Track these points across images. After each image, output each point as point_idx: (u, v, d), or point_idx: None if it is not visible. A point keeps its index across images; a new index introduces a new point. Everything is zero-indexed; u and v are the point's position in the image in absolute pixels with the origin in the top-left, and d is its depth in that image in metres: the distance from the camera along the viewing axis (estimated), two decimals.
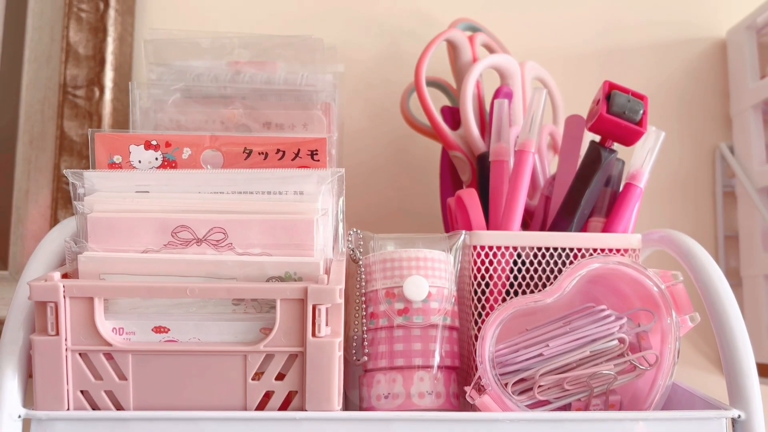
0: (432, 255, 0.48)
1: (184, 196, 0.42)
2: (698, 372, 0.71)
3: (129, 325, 0.39)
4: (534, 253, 0.50)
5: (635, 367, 0.44)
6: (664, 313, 0.45)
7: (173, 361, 0.39)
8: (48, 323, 0.38)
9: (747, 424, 0.40)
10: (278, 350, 0.39)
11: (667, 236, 0.50)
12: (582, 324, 0.45)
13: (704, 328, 0.70)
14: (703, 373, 0.71)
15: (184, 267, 0.40)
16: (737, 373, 0.41)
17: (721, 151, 0.72)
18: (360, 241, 0.49)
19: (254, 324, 0.40)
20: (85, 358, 0.39)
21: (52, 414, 0.38)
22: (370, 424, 0.39)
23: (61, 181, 0.66)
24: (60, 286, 0.38)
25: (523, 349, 0.45)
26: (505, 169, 0.53)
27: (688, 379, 0.52)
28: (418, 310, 0.47)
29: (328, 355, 0.39)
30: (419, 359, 0.46)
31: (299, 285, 0.39)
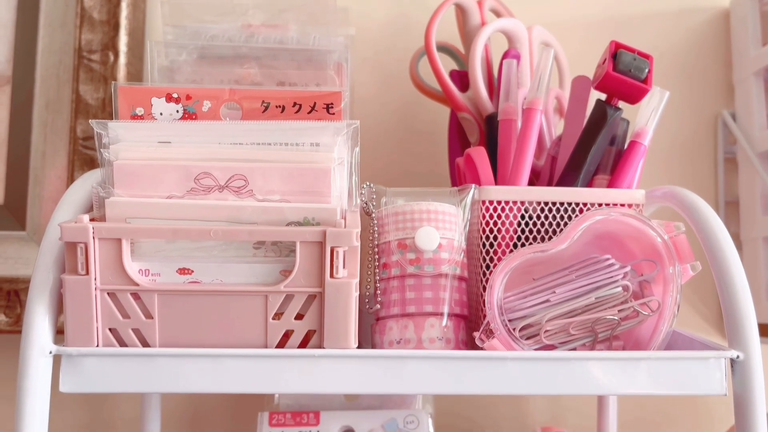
0: (442, 208, 0.50)
1: (205, 147, 0.43)
2: (698, 333, 0.73)
3: (155, 266, 0.41)
4: (541, 208, 0.51)
5: (638, 313, 0.46)
6: (666, 263, 0.46)
7: (197, 301, 0.41)
8: (78, 263, 0.39)
9: (745, 365, 0.42)
10: (298, 291, 0.41)
11: (669, 192, 0.52)
12: (587, 272, 0.47)
13: (704, 290, 0.72)
14: (702, 335, 0.73)
15: (207, 212, 0.41)
16: (736, 315, 0.42)
17: (723, 118, 0.74)
18: (373, 194, 0.51)
19: (274, 266, 0.42)
20: (114, 297, 0.41)
21: (83, 350, 0.40)
22: (385, 361, 0.41)
23: (77, 143, 0.68)
24: (90, 227, 0.39)
25: (531, 295, 0.46)
26: (513, 128, 0.54)
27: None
28: (429, 260, 0.48)
29: (345, 296, 0.41)
30: (430, 306, 0.48)
31: (318, 228, 0.40)
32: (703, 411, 0.73)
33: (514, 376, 0.41)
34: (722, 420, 0.72)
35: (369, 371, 0.41)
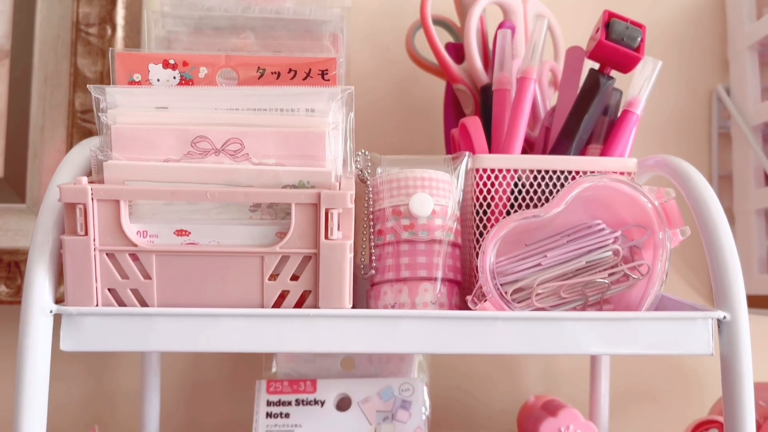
0: (436, 176, 0.50)
1: (201, 112, 0.44)
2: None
3: (152, 228, 0.42)
4: (534, 176, 0.52)
5: (628, 277, 0.47)
6: (656, 228, 0.47)
7: (194, 262, 0.42)
8: (77, 224, 0.40)
9: (732, 325, 0.43)
10: (293, 252, 0.42)
11: (662, 160, 0.52)
12: (578, 237, 0.47)
13: (696, 264, 0.73)
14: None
15: (204, 175, 0.42)
16: (723, 276, 0.43)
17: (718, 92, 0.74)
18: (368, 162, 0.51)
19: (270, 228, 0.42)
20: (112, 258, 0.41)
21: (83, 309, 0.41)
22: (379, 321, 0.42)
23: (75, 116, 0.68)
24: (88, 188, 0.40)
25: (522, 259, 0.47)
26: (508, 97, 0.55)
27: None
28: (423, 225, 0.49)
29: (340, 257, 0.41)
30: (424, 271, 0.49)
31: (313, 191, 0.41)
32: (694, 383, 0.75)
33: (506, 336, 0.42)
34: (712, 391, 0.73)
35: (363, 331, 0.42)
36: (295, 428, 0.60)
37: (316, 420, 0.60)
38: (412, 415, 0.60)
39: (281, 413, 0.60)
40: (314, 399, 0.61)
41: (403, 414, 0.61)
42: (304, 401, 0.61)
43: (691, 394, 0.74)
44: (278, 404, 0.61)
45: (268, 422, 0.60)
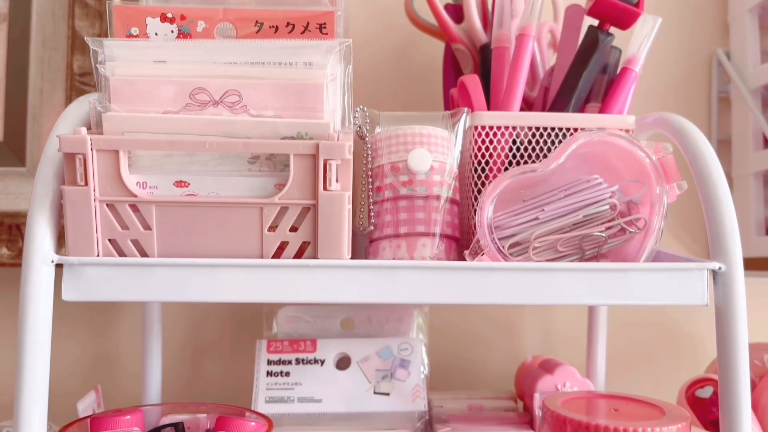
0: (435, 132, 0.51)
1: (199, 66, 0.44)
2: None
3: (152, 179, 0.42)
4: (532, 134, 0.52)
5: (625, 231, 0.47)
6: (654, 183, 0.47)
7: (194, 213, 0.42)
8: (77, 174, 0.40)
9: (727, 276, 0.43)
10: (292, 203, 0.42)
11: (660, 117, 0.52)
12: (576, 191, 0.48)
13: (691, 225, 0.74)
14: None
15: (202, 126, 0.42)
16: (719, 227, 0.43)
17: (718, 56, 0.74)
18: (367, 119, 0.51)
19: (269, 180, 0.42)
20: (112, 208, 0.42)
21: (84, 259, 0.41)
22: (377, 271, 0.42)
23: (74, 79, 0.68)
24: (87, 138, 0.40)
25: (520, 214, 0.47)
26: (506, 55, 0.55)
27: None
28: (421, 181, 0.49)
29: (339, 208, 0.42)
30: (422, 227, 0.49)
31: (311, 141, 0.41)
32: (689, 346, 0.75)
33: (502, 287, 0.43)
34: (707, 354, 0.74)
35: (362, 281, 0.42)
36: (296, 386, 0.60)
37: (316, 378, 0.61)
38: (410, 373, 0.61)
39: (281, 372, 0.61)
40: (314, 358, 0.62)
41: (401, 372, 0.61)
42: (304, 360, 0.62)
43: (686, 358, 0.75)
44: (278, 363, 0.62)
45: (269, 381, 0.61)
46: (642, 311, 0.75)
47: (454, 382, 0.73)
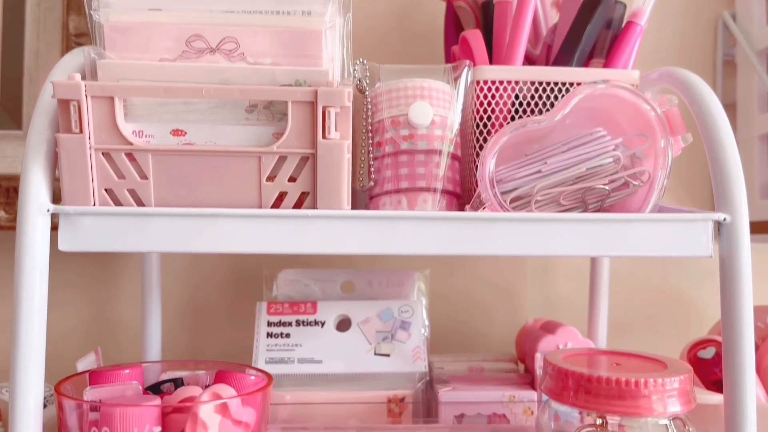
0: (436, 85, 0.50)
1: (195, 14, 0.43)
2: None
3: (148, 128, 0.41)
4: (535, 88, 0.51)
5: (628, 184, 0.47)
6: (658, 136, 0.46)
7: (191, 162, 0.41)
8: (72, 121, 0.40)
9: (732, 227, 0.42)
10: (290, 152, 0.41)
11: (665, 72, 0.52)
12: (579, 144, 0.47)
13: (693, 187, 0.73)
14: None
15: (199, 74, 0.41)
16: (724, 178, 0.43)
17: (724, 18, 0.73)
18: (366, 72, 0.51)
19: (267, 129, 0.42)
20: (108, 157, 0.41)
21: (80, 209, 0.41)
22: (378, 222, 0.42)
23: (69, 40, 0.67)
24: (82, 84, 0.39)
25: (522, 167, 0.47)
26: (509, 10, 0.54)
27: None
28: (422, 136, 0.49)
29: (338, 157, 0.41)
30: (423, 182, 0.48)
31: (310, 88, 0.40)
32: (692, 314, 0.75)
33: (505, 237, 0.42)
34: (710, 321, 0.73)
35: (362, 232, 0.42)
36: (296, 348, 0.60)
37: (317, 340, 0.60)
38: (411, 335, 0.61)
39: (282, 333, 0.61)
40: (314, 320, 0.62)
41: (402, 334, 0.61)
42: (305, 322, 0.62)
43: (688, 323, 0.75)
44: (279, 325, 0.61)
45: (269, 342, 0.60)
46: (644, 276, 0.75)
47: (454, 347, 0.73)
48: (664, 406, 0.42)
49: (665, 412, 0.42)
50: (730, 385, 0.43)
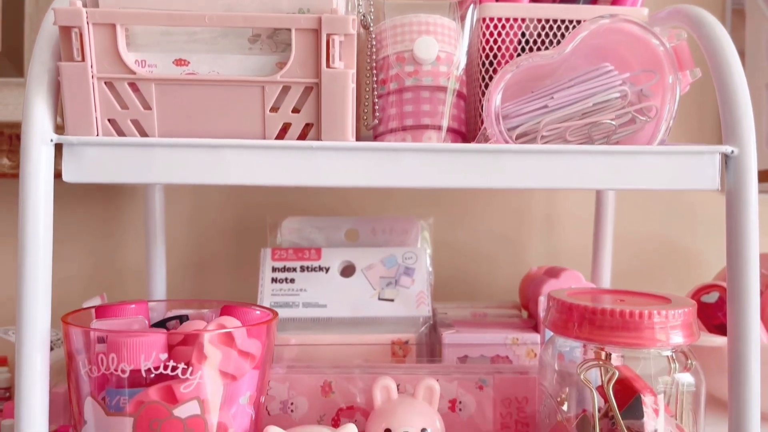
0: (442, 21, 0.49)
1: None
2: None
3: (151, 58, 0.41)
4: (542, 26, 0.50)
5: (635, 120, 0.46)
6: (666, 71, 0.46)
7: (195, 93, 0.41)
8: (73, 49, 0.39)
9: (739, 160, 0.42)
10: (294, 81, 0.41)
11: (674, 9, 0.51)
12: (586, 79, 0.46)
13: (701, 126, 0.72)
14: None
15: (202, 2, 0.41)
16: (732, 110, 0.42)
17: None
18: (371, 8, 0.50)
19: (270, 59, 0.41)
20: (111, 87, 0.41)
21: (84, 139, 0.40)
22: (382, 153, 0.41)
23: None
24: (83, 11, 0.39)
25: (528, 102, 0.46)
26: None
27: None
28: (427, 72, 0.48)
29: (342, 86, 0.41)
30: (428, 119, 0.48)
31: (314, 15, 0.40)
32: (695, 266, 0.75)
33: (511, 170, 0.42)
34: (712, 273, 0.74)
35: (366, 164, 0.41)
36: (300, 292, 0.60)
37: (321, 285, 0.61)
38: (415, 281, 0.61)
39: (286, 279, 0.61)
40: (319, 266, 0.62)
41: (406, 280, 0.61)
42: (309, 268, 0.62)
43: (691, 276, 0.75)
44: (283, 270, 0.61)
45: (273, 287, 0.61)
46: (648, 228, 0.75)
47: (458, 296, 0.73)
48: (668, 338, 0.42)
49: (668, 343, 0.42)
50: (734, 322, 0.43)
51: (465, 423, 0.51)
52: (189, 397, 0.40)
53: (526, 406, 0.51)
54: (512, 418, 0.51)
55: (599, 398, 0.44)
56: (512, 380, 0.51)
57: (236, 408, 0.42)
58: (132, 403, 0.39)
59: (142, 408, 0.39)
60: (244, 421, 0.43)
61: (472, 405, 0.51)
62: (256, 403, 0.44)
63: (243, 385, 0.42)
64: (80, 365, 0.41)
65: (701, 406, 0.45)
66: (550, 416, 0.47)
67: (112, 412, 0.40)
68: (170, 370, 0.40)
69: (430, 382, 0.47)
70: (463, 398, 0.51)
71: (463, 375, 0.52)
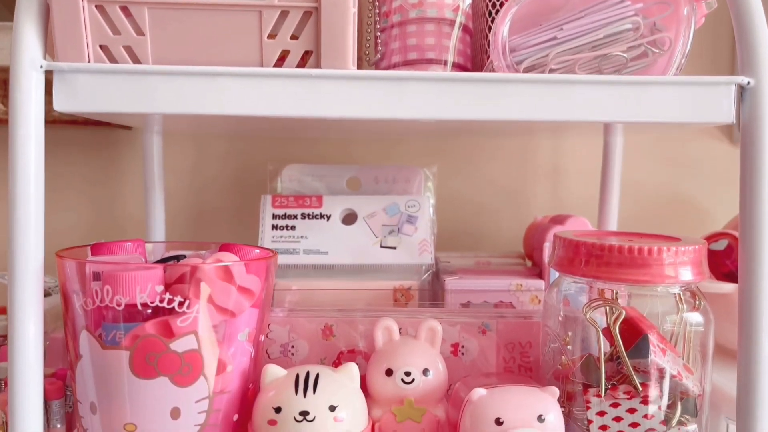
0: None
1: None
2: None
3: None
4: None
5: (648, 54, 0.44)
6: (681, 2, 0.44)
7: (189, 18, 0.39)
8: None
9: (756, 91, 0.40)
10: (292, 6, 0.39)
11: None
12: (597, 10, 0.45)
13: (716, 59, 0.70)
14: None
15: None
16: (749, 40, 0.40)
17: None
18: None
19: None
20: (102, 11, 0.39)
21: (75, 66, 0.39)
22: (385, 83, 0.40)
23: None
24: None
25: (537, 34, 0.45)
26: None
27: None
28: (432, 3, 0.46)
29: (343, 11, 0.39)
30: (432, 53, 0.46)
31: None
32: (704, 217, 0.74)
33: (517, 100, 0.40)
34: (723, 222, 0.72)
35: (368, 93, 0.40)
36: (301, 239, 0.59)
37: (322, 232, 0.59)
38: (417, 229, 0.60)
39: (287, 226, 0.60)
40: (320, 213, 0.61)
41: (408, 228, 0.60)
42: (310, 215, 0.61)
43: (699, 230, 0.74)
44: (284, 218, 0.60)
45: (274, 234, 0.60)
46: (655, 181, 0.73)
47: (461, 248, 0.72)
48: (677, 274, 0.41)
49: (677, 279, 0.41)
50: (746, 259, 0.42)
51: (467, 367, 0.50)
52: (186, 331, 0.39)
53: (530, 351, 0.51)
54: (515, 362, 0.50)
55: (605, 341, 0.43)
56: (516, 324, 0.51)
57: (235, 346, 0.42)
58: (128, 337, 0.39)
59: (139, 341, 0.38)
60: (243, 360, 0.42)
61: (475, 349, 0.50)
62: (255, 342, 0.43)
63: (242, 321, 0.42)
64: (74, 298, 0.40)
65: (709, 347, 0.44)
66: (554, 358, 0.46)
67: (108, 346, 0.39)
68: (167, 303, 0.39)
69: (432, 323, 0.46)
70: (466, 342, 0.50)
71: (466, 319, 0.51)
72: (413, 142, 0.73)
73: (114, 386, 0.39)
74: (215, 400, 0.41)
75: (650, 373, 0.42)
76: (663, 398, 0.42)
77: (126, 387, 0.38)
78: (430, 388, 0.44)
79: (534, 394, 0.41)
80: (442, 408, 0.45)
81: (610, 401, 0.42)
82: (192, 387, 0.39)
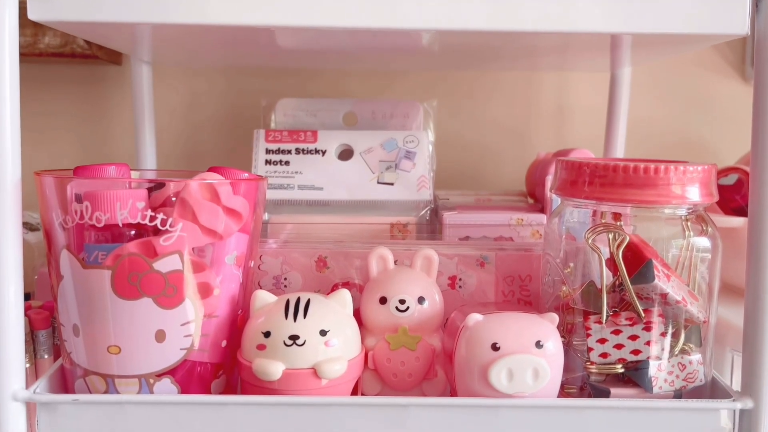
0: None
1: None
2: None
3: None
4: None
5: None
6: None
7: None
8: None
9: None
10: None
11: None
12: None
13: None
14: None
15: None
16: None
17: None
18: None
19: None
20: None
21: None
22: None
23: None
24: None
25: None
26: None
27: None
28: None
29: None
30: None
31: None
32: (711, 155, 0.71)
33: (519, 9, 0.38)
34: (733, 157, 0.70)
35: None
36: (296, 175, 0.58)
37: (317, 168, 0.58)
38: (416, 165, 0.58)
39: (280, 161, 0.58)
40: (315, 148, 0.59)
41: (406, 164, 0.58)
42: (305, 150, 0.59)
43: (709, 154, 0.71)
44: (277, 152, 0.59)
45: (267, 169, 0.58)
46: (663, 120, 0.71)
47: (461, 187, 0.70)
48: (684, 193, 0.39)
49: (685, 199, 0.39)
50: (756, 198, 0.39)
51: (465, 300, 0.49)
52: (170, 251, 0.37)
53: (530, 284, 0.49)
54: (515, 296, 0.49)
55: (607, 270, 0.41)
56: (515, 257, 0.49)
57: (223, 271, 0.40)
58: (110, 257, 0.37)
59: (120, 260, 0.37)
60: (232, 286, 0.41)
61: (473, 282, 0.49)
62: (245, 268, 0.42)
63: (230, 245, 0.40)
64: (53, 217, 0.38)
65: (716, 275, 0.42)
66: (553, 287, 0.45)
67: (89, 265, 0.37)
68: (149, 221, 0.37)
69: (428, 251, 0.45)
70: (464, 275, 0.49)
71: (464, 251, 0.49)
72: (411, 76, 0.71)
73: (96, 307, 0.37)
74: (203, 324, 0.39)
75: (653, 299, 0.40)
76: (667, 325, 0.40)
77: (109, 308, 0.37)
78: (425, 317, 0.43)
79: (532, 320, 0.40)
80: (438, 338, 0.44)
81: (612, 328, 0.40)
82: (177, 309, 0.38)
